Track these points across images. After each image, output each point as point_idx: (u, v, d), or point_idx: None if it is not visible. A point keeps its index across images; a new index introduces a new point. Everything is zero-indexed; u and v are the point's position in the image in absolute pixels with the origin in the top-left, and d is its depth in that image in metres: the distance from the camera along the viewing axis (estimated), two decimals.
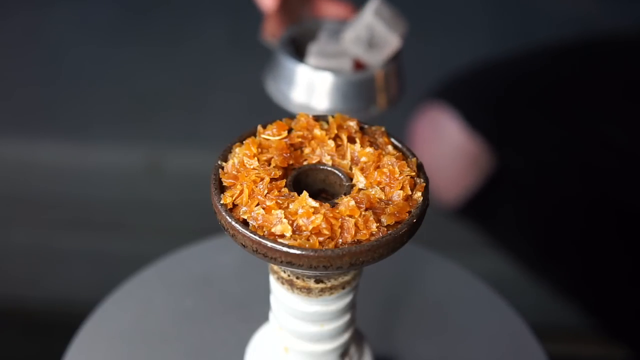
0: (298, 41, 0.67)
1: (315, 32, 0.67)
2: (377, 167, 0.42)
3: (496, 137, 0.98)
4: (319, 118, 0.45)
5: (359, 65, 0.64)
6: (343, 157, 0.43)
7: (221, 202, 0.41)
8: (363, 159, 0.43)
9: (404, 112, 1.10)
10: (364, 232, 0.39)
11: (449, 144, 0.99)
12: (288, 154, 0.43)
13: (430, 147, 1.01)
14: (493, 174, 0.99)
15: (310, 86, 0.63)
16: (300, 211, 0.39)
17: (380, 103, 0.64)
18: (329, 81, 0.63)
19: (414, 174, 0.42)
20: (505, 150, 0.98)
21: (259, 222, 0.40)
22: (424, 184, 0.42)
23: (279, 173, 0.42)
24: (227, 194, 0.41)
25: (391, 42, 0.62)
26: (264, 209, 0.40)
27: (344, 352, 0.49)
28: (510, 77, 1.00)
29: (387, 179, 0.42)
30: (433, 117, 1.00)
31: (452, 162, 1.00)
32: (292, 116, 0.45)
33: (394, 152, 0.44)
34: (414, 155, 0.44)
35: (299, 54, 0.66)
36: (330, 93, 0.63)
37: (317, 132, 0.44)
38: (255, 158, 0.42)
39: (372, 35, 0.62)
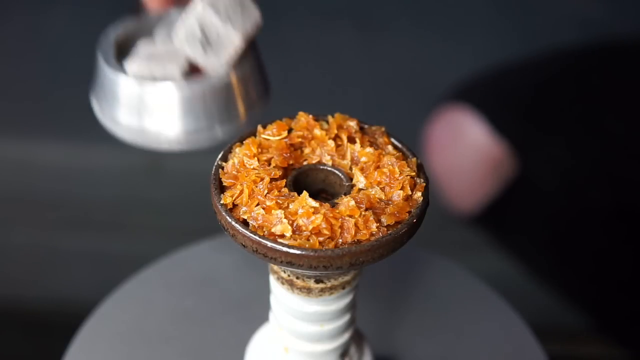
0: (131, 41, 0.53)
1: (154, 27, 0.53)
2: (377, 167, 0.42)
3: (521, 142, 0.92)
4: (318, 118, 0.45)
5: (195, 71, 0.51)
6: (343, 157, 0.43)
7: (221, 202, 0.41)
8: (363, 159, 0.43)
9: (419, 114, 1.09)
10: (364, 232, 0.39)
11: (470, 148, 0.93)
12: (288, 154, 0.43)
13: (449, 151, 0.96)
14: (514, 181, 0.93)
15: (136, 102, 0.49)
16: (300, 211, 0.39)
17: (231, 119, 0.50)
18: (154, 95, 0.48)
19: (414, 174, 0.42)
20: (530, 156, 0.92)
21: (259, 222, 0.40)
22: (424, 184, 0.42)
23: (279, 173, 0.42)
24: (227, 194, 0.41)
25: (231, 40, 0.48)
26: (264, 209, 0.40)
27: (344, 352, 0.49)
28: (535, 79, 0.94)
29: (387, 179, 0.42)
30: (453, 119, 0.95)
31: (472, 167, 0.94)
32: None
33: (394, 152, 0.44)
34: (414, 155, 0.44)
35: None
36: (162, 111, 0.48)
37: (317, 132, 0.44)
38: (255, 158, 0.42)
39: (204, 31, 0.48)
